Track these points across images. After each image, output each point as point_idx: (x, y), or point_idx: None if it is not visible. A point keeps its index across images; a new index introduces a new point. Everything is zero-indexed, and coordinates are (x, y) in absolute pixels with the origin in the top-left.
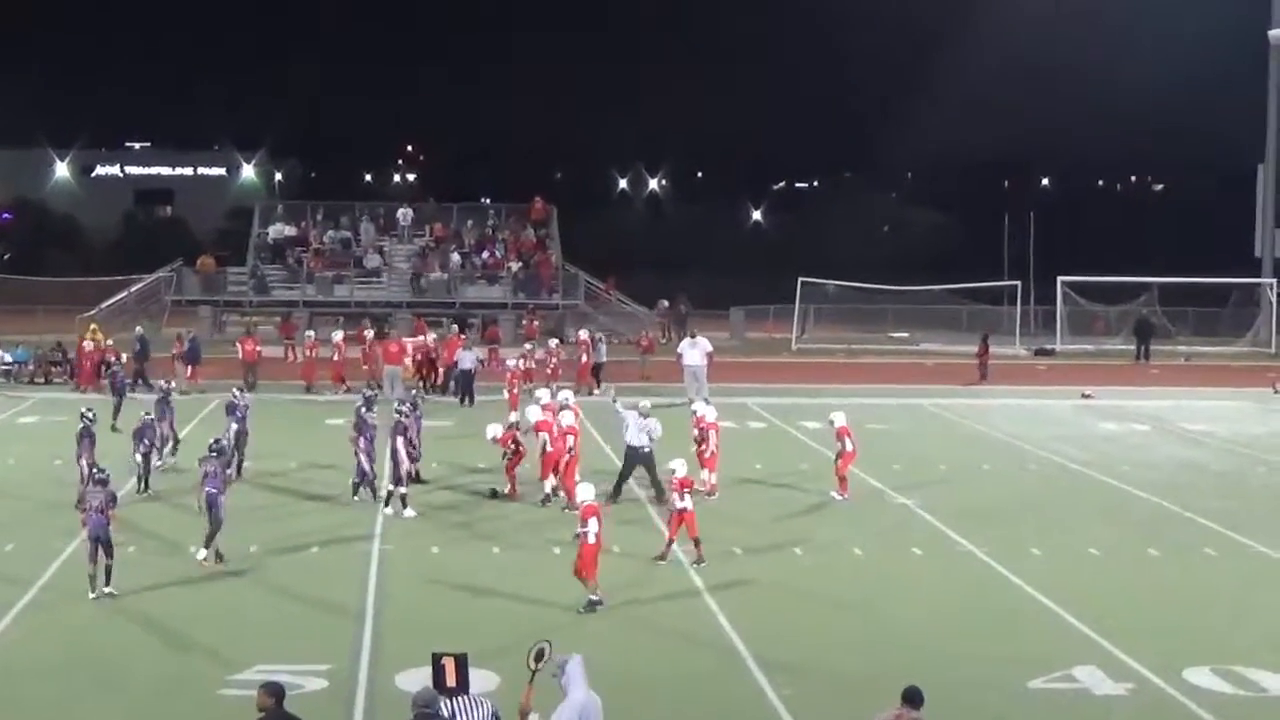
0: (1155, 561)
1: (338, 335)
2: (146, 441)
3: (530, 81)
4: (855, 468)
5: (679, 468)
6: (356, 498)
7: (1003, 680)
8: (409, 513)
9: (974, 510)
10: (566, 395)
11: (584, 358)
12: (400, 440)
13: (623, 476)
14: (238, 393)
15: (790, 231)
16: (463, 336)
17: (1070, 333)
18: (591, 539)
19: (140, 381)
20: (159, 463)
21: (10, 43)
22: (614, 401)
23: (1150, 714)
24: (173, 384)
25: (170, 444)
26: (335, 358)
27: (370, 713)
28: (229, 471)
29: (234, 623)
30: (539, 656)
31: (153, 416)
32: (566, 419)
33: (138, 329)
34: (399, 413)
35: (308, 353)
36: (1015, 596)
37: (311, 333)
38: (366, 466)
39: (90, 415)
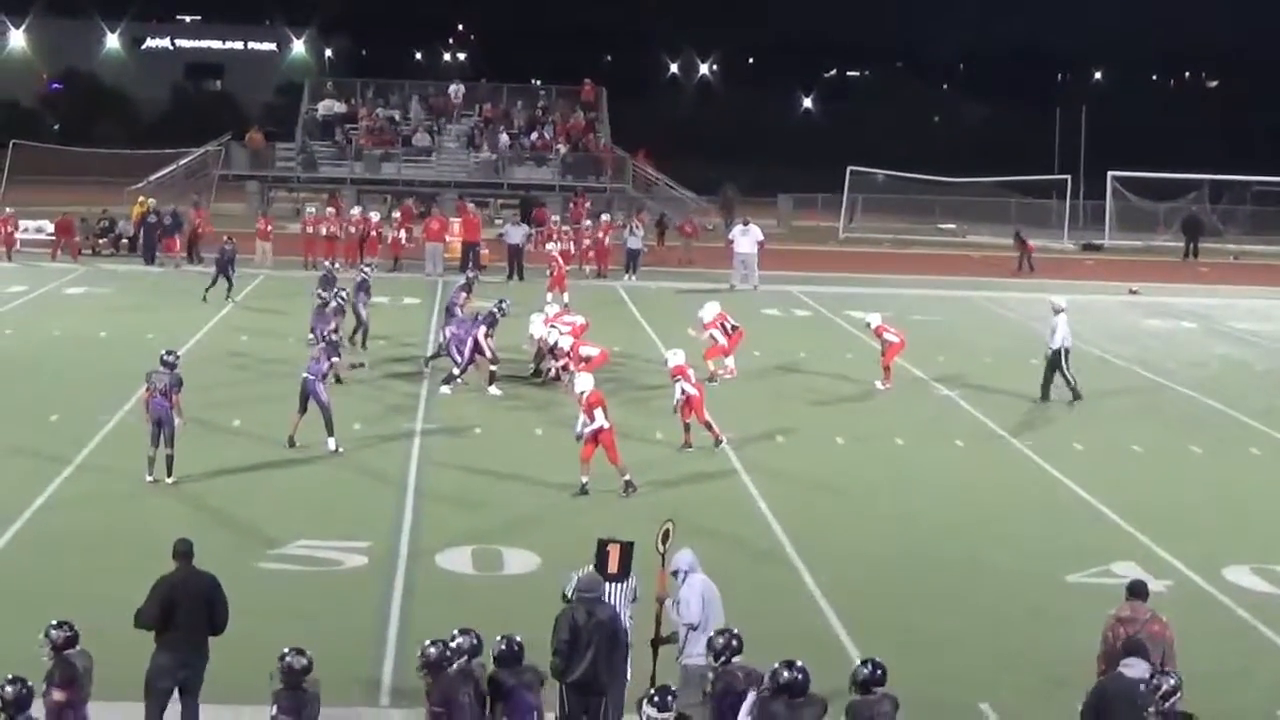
0: (1198, 459)
1: (374, 216)
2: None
3: None
4: (900, 359)
5: (672, 357)
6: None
7: (1041, 573)
8: (494, 390)
9: (1018, 404)
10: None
11: (604, 239)
12: (483, 330)
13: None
14: (368, 269)
15: (840, 120)
16: (477, 215)
17: (1119, 228)
18: (607, 424)
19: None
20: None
21: None
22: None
23: (1189, 611)
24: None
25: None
26: (390, 236)
27: (409, 589)
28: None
29: (277, 499)
30: (665, 538)
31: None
32: (561, 339)
33: (151, 201)
34: (499, 306)
35: (354, 229)
36: (1056, 490)
37: (358, 209)
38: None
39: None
